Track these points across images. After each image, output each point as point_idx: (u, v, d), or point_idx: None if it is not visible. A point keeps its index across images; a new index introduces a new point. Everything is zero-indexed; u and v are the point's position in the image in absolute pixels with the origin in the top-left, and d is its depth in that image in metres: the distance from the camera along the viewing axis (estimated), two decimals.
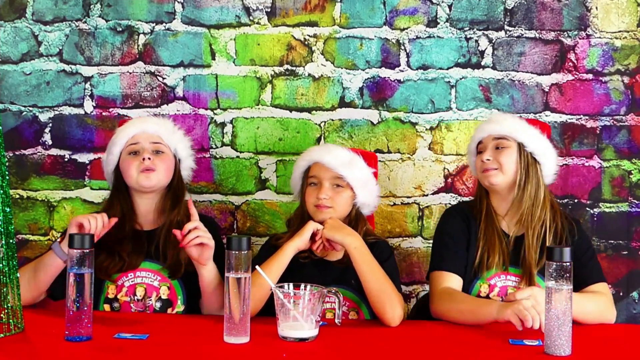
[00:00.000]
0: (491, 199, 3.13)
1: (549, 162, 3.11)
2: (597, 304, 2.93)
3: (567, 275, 2.42)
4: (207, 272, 2.90)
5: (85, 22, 3.78)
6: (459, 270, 3.03)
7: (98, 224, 2.81)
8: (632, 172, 3.80)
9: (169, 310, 3.02)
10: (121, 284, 3.02)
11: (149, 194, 3.07)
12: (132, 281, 3.02)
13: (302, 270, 3.05)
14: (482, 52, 3.80)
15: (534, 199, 3.04)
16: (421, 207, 3.81)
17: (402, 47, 3.80)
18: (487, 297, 3.02)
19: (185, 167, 3.21)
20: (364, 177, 3.12)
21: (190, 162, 3.24)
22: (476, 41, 3.80)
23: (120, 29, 3.78)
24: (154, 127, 3.11)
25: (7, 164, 2.61)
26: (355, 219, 3.12)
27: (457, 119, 3.79)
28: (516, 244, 3.07)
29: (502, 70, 3.80)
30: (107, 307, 3.01)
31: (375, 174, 3.25)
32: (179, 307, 3.03)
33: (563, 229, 3.07)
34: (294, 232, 3.05)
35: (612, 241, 3.80)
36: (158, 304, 3.01)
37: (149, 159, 3.01)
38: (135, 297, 3.01)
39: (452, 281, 3.02)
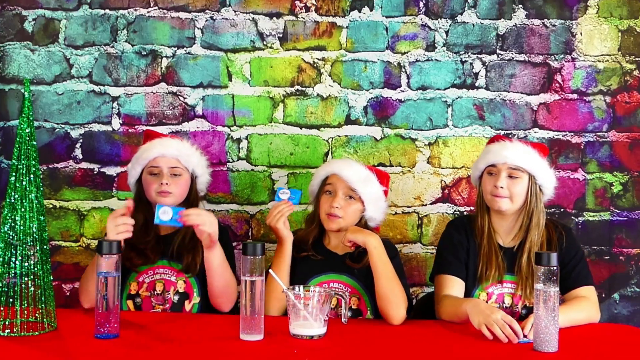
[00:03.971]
0: (492, 217, 3.11)
1: (550, 190, 3.13)
2: (585, 312, 2.92)
3: (554, 278, 2.43)
4: (211, 255, 2.93)
5: (112, 46, 3.79)
6: (461, 275, 3.04)
7: (128, 230, 2.85)
8: (614, 184, 3.80)
9: (186, 302, 3.06)
10: (142, 280, 3.07)
11: None
12: (151, 277, 3.07)
13: (309, 259, 3.10)
14: (476, 74, 3.80)
15: (536, 223, 3.05)
16: (420, 216, 3.81)
17: (403, 70, 3.80)
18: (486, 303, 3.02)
19: (202, 182, 3.27)
20: (375, 194, 3.15)
21: (206, 177, 3.29)
22: (471, 64, 3.80)
23: (145, 53, 3.79)
24: (172, 152, 3.14)
25: (41, 176, 2.63)
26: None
27: (454, 135, 3.79)
28: (511, 254, 3.07)
29: (494, 91, 3.80)
30: (129, 302, 3.06)
31: (386, 192, 3.25)
32: (195, 298, 3.07)
33: (552, 239, 3.07)
34: (307, 228, 3.21)
35: (595, 247, 3.80)
36: (176, 297, 3.06)
37: (167, 184, 3.06)
38: (155, 292, 3.05)
39: (455, 285, 3.03)
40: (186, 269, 3.06)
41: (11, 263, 2.52)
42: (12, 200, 2.52)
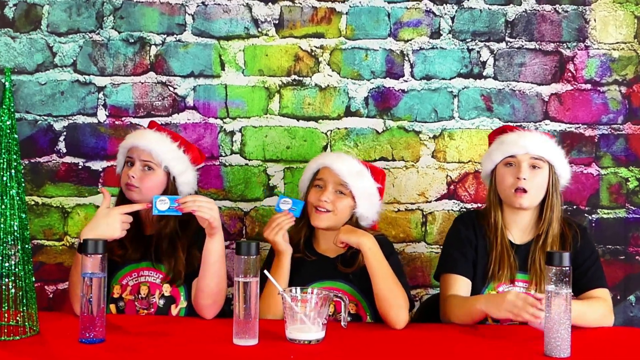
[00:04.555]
0: (505, 212, 3.12)
1: (566, 181, 3.18)
2: (596, 312, 2.93)
3: (566, 279, 2.43)
4: (210, 244, 2.91)
5: (98, 33, 3.79)
6: (468, 274, 3.05)
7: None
8: (629, 179, 3.80)
9: (173, 307, 3.05)
10: (125, 283, 3.07)
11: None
12: (135, 280, 3.07)
13: (302, 265, 3.10)
14: (484, 63, 3.80)
15: (557, 217, 3.06)
16: (424, 213, 3.81)
17: (406, 58, 3.80)
18: None
19: (183, 182, 3.18)
20: (367, 190, 3.15)
21: (189, 178, 3.21)
22: (478, 52, 3.80)
23: (133, 41, 3.79)
24: (145, 144, 3.12)
25: (22, 171, 2.63)
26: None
27: (460, 128, 3.79)
28: (524, 252, 3.07)
29: (503, 81, 3.80)
30: (112, 306, 3.06)
31: (381, 191, 3.25)
32: (182, 303, 3.06)
33: (567, 236, 3.07)
34: (296, 227, 3.17)
35: (610, 246, 3.80)
36: (162, 301, 3.05)
37: (133, 177, 3.06)
38: (139, 296, 3.05)
39: (462, 284, 3.04)
40: (172, 278, 3.05)
41: None
42: None
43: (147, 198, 3.00)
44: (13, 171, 2.54)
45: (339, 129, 3.80)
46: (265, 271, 2.78)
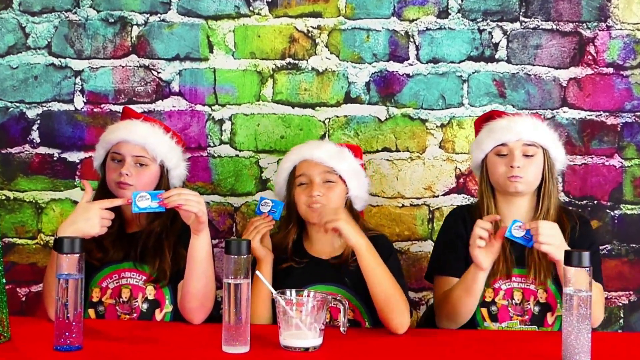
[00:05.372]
0: (499, 202, 3.13)
1: (562, 165, 3.22)
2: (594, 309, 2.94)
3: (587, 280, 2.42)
4: (197, 242, 2.89)
5: (75, 12, 3.78)
6: (460, 274, 3.04)
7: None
8: None
9: (157, 312, 3.04)
10: (105, 286, 3.05)
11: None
12: (116, 282, 3.05)
13: (295, 269, 3.09)
14: (496, 45, 3.80)
15: (554, 204, 3.07)
16: (431, 208, 3.81)
17: (411, 40, 3.80)
18: (493, 301, 3.05)
19: (176, 175, 3.21)
20: (354, 169, 3.17)
21: (181, 171, 3.24)
22: (490, 33, 3.80)
23: (113, 20, 3.79)
24: (137, 138, 3.10)
25: None
26: (350, 215, 3.13)
27: (470, 116, 3.79)
28: (519, 245, 3.07)
29: (517, 64, 3.80)
30: (91, 311, 3.05)
31: (363, 166, 3.27)
32: (167, 307, 3.05)
33: (565, 226, 3.07)
34: (284, 231, 3.19)
35: (634, 245, 3.80)
36: (145, 305, 3.04)
37: (127, 174, 3.03)
38: (121, 300, 3.03)
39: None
40: (156, 277, 3.04)
41: None
42: None
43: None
44: None
45: (337, 117, 3.80)
46: (258, 272, 2.78)
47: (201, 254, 2.90)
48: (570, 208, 3.49)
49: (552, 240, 2.78)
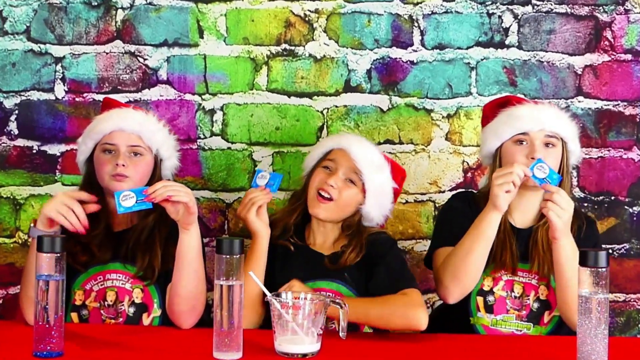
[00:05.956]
0: None
1: (578, 158, 3.26)
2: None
3: (603, 282, 2.41)
4: (187, 237, 2.88)
5: None
6: None
7: (74, 222, 2.82)
8: None
9: (144, 316, 3.03)
10: (89, 288, 3.04)
11: None
12: (101, 285, 3.04)
13: (291, 262, 3.09)
14: (507, 30, 3.80)
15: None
16: (437, 205, 3.81)
17: (416, 24, 3.80)
18: (491, 290, 3.06)
19: (168, 166, 3.22)
20: (382, 188, 3.15)
21: (174, 161, 3.25)
22: (499, 17, 3.79)
23: (96, 3, 3.78)
24: (134, 126, 3.10)
25: None
26: (356, 228, 3.12)
27: (478, 106, 3.78)
28: (525, 237, 3.08)
29: (529, 50, 3.80)
30: (74, 315, 3.04)
31: (397, 193, 3.26)
32: (156, 311, 3.04)
33: (572, 224, 3.07)
34: (290, 207, 3.22)
35: None
36: (131, 309, 3.03)
37: (123, 165, 3.01)
38: (106, 303, 3.02)
39: None
40: (143, 274, 3.03)
41: None
42: None
43: (139, 186, 3.00)
44: None
45: (337, 106, 3.80)
46: (251, 273, 2.77)
47: (191, 251, 2.90)
48: (577, 206, 3.49)
49: (561, 213, 2.83)
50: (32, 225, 2.85)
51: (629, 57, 3.79)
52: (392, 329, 2.91)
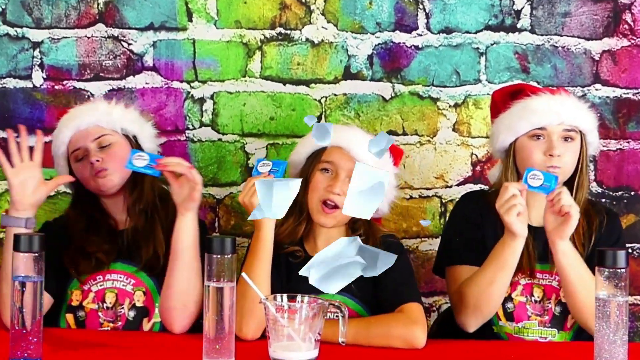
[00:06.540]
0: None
1: (594, 151, 3.29)
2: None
3: (622, 284, 2.41)
4: (185, 222, 2.92)
5: None
6: (476, 260, 3.04)
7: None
8: None
9: (145, 321, 3.04)
10: (88, 288, 3.05)
11: (114, 195, 3.12)
12: (100, 285, 3.05)
13: (294, 273, 3.06)
14: (518, 12, 3.79)
15: (585, 197, 3.07)
16: (444, 200, 3.81)
17: (421, 6, 3.79)
18: (509, 297, 3.06)
19: (147, 137, 3.25)
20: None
21: (149, 130, 3.27)
22: None
23: None
24: (88, 120, 3.13)
25: None
26: (366, 230, 3.10)
27: (488, 94, 3.77)
28: (543, 235, 3.05)
29: (542, 35, 3.79)
30: (69, 316, 3.04)
31: (398, 161, 3.26)
32: (157, 316, 3.04)
33: (593, 220, 3.07)
34: (295, 221, 3.12)
35: None
36: (132, 313, 3.04)
37: (97, 161, 3.04)
38: (105, 305, 3.02)
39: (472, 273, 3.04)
40: (149, 266, 3.04)
41: None
42: None
43: (126, 174, 3.06)
44: None
45: (335, 95, 3.79)
46: (244, 274, 2.76)
47: (185, 237, 2.92)
48: (597, 200, 3.49)
49: (575, 207, 2.84)
50: (3, 213, 2.88)
51: None
52: (393, 347, 2.91)
